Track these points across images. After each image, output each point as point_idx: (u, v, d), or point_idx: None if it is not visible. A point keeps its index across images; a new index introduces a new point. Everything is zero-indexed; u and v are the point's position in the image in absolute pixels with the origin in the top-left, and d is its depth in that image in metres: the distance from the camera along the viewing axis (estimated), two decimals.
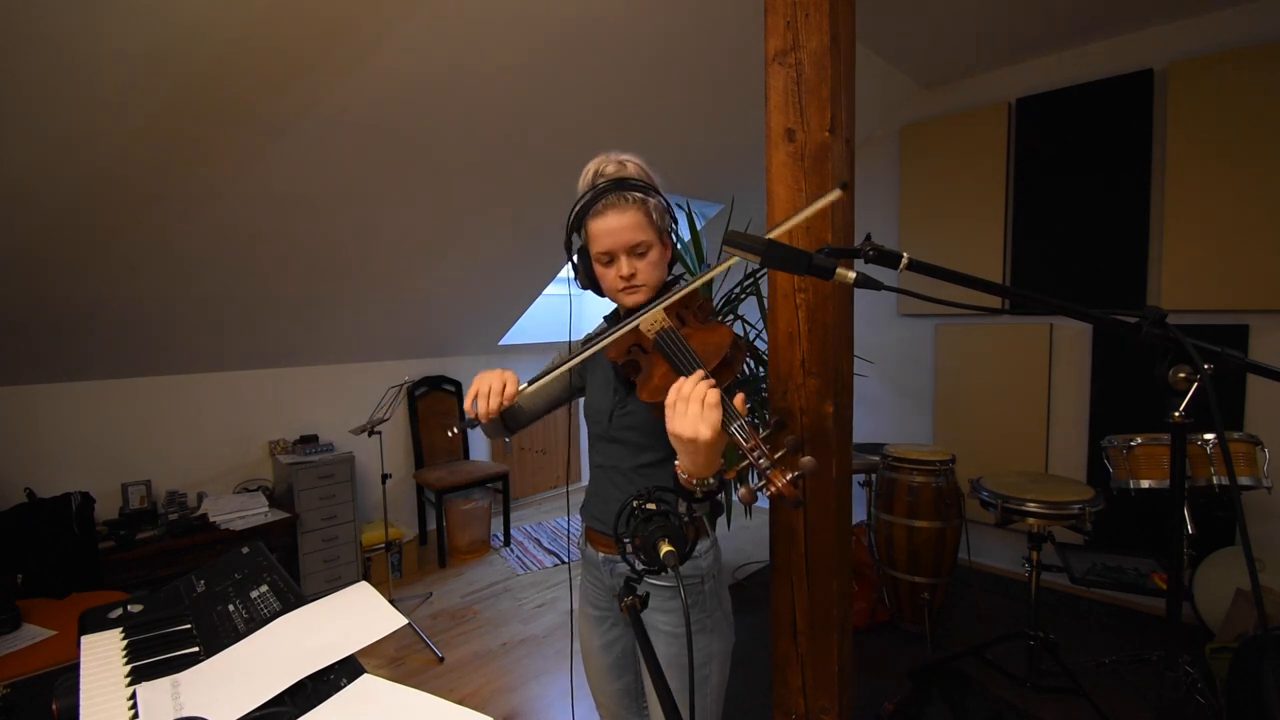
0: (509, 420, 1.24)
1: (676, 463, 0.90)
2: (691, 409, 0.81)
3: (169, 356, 2.91)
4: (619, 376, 1.14)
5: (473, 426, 1.06)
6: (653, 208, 1.08)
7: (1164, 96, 2.75)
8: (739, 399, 0.87)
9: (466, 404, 1.04)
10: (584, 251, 1.13)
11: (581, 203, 1.08)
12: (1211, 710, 2.04)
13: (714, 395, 0.81)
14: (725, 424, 0.81)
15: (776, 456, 0.77)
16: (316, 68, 1.93)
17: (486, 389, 1.01)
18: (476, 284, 3.53)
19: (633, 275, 1.08)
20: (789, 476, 0.76)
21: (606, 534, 1.02)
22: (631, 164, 1.12)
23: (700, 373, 0.86)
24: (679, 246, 2.48)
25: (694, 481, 0.88)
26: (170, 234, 2.32)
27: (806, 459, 0.78)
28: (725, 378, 0.95)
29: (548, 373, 1.05)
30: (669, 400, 0.85)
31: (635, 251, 1.07)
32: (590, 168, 1.11)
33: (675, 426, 0.83)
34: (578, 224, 1.10)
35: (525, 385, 1.05)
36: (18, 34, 1.53)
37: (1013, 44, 2.94)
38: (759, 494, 0.80)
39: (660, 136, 2.91)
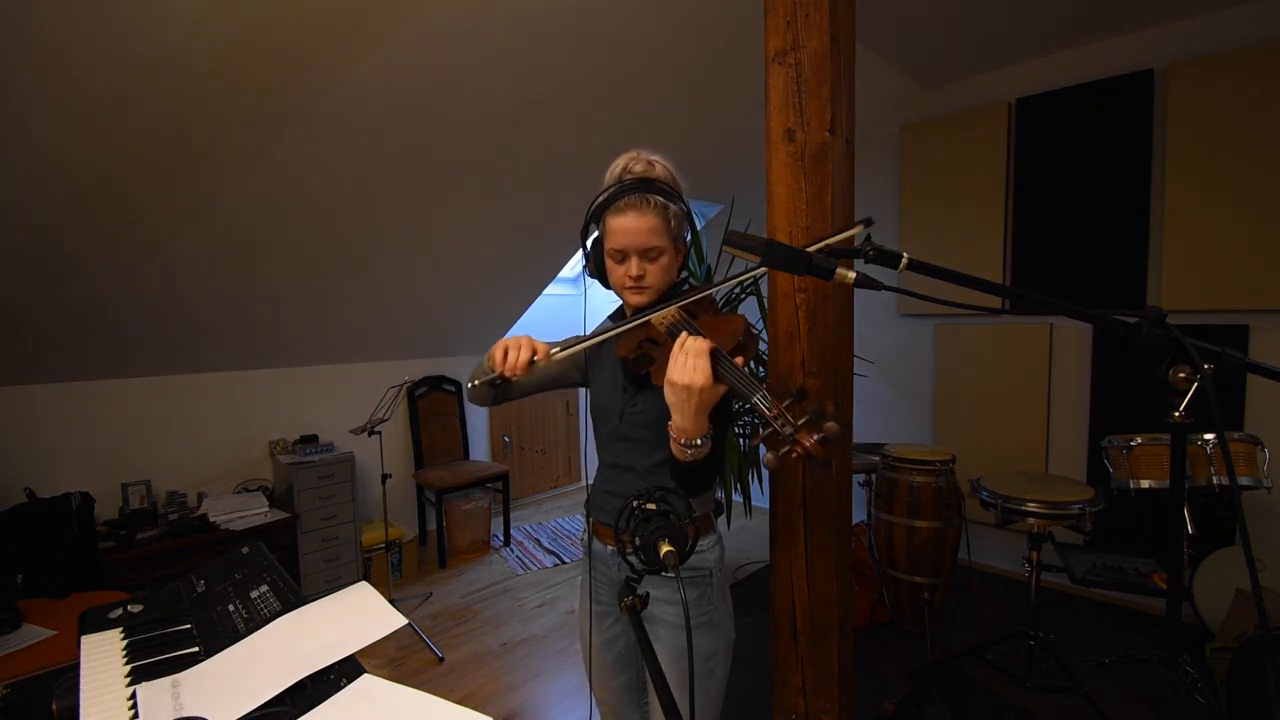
0: (504, 390, 1.23)
1: (670, 423, 0.94)
2: (690, 360, 0.88)
3: (169, 356, 2.91)
4: (627, 374, 1.14)
5: (496, 384, 1.05)
6: (672, 214, 1.09)
7: (1164, 96, 2.75)
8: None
9: (496, 356, 1.03)
10: (598, 243, 1.15)
11: (605, 196, 1.09)
12: (1211, 710, 2.04)
13: (703, 345, 0.88)
14: (748, 392, 0.85)
15: (800, 422, 0.79)
16: (316, 69, 1.94)
17: (516, 345, 1.03)
18: (477, 284, 3.53)
19: (641, 277, 1.09)
20: (815, 438, 0.78)
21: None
22: (660, 165, 1.12)
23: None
24: None
25: (683, 441, 0.93)
26: (170, 234, 2.32)
27: (831, 424, 0.79)
28: (739, 363, 0.96)
29: (578, 343, 1.06)
30: (672, 351, 0.90)
31: (648, 255, 1.08)
32: (620, 162, 1.12)
33: (673, 374, 0.89)
34: (597, 215, 1.11)
35: (556, 349, 1.05)
36: (17, 32, 1.53)
37: (1013, 44, 2.94)
38: (782, 458, 0.82)
39: (660, 136, 2.91)
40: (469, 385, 1.09)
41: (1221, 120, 2.61)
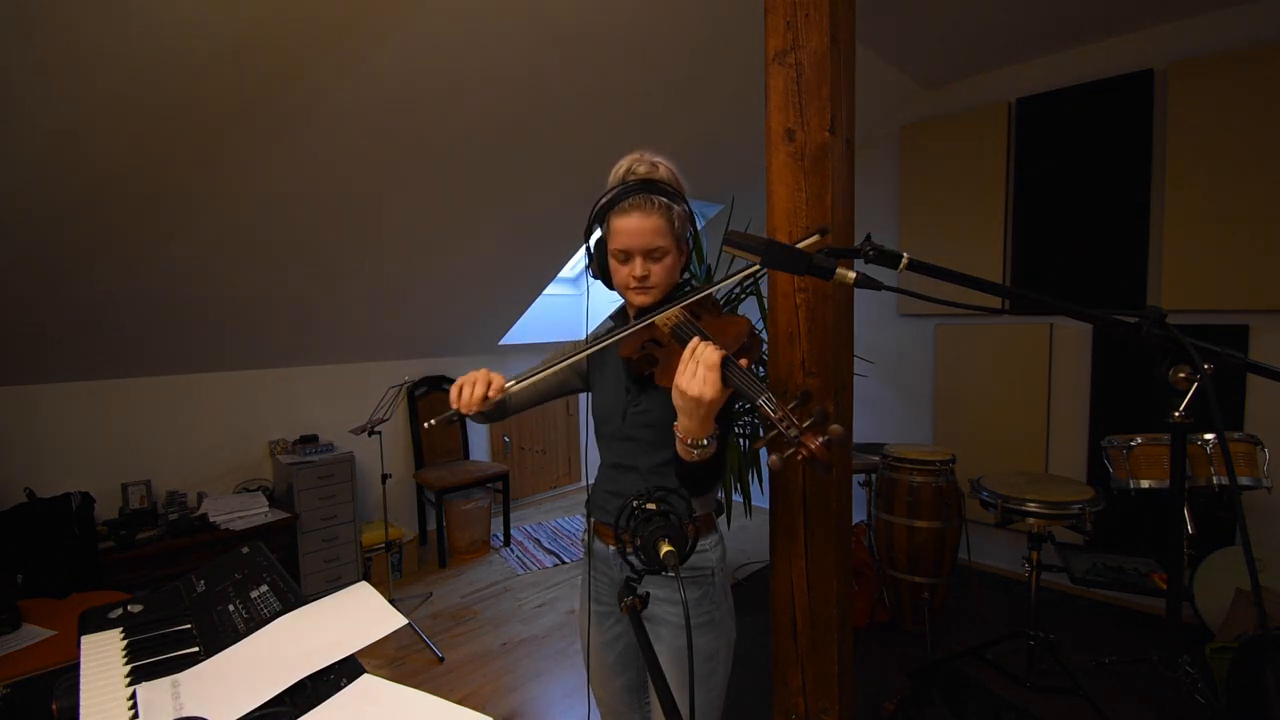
0: (494, 411, 1.25)
1: (676, 424, 0.95)
2: (701, 372, 0.87)
3: (169, 356, 2.91)
4: (630, 374, 1.15)
5: (454, 420, 1.08)
6: (676, 215, 1.10)
7: (1164, 96, 2.75)
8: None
9: (452, 396, 1.07)
10: (601, 243, 1.15)
11: (609, 197, 1.09)
12: (1211, 710, 2.04)
13: (714, 357, 0.87)
14: (754, 395, 0.85)
15: (805, 425, 0.80)
16: (316, 68, 1.93)
17: (471, 381, 1.06)
18: (477, 284, 3.53)
19: (645, 277, 1.10)
20: (820, 440, 0.78)
21: None
22: (663, 167, 1.13)
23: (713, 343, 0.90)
24: None
25: (689, 442, 0.93)
26: (170, 234, 2.32)
27: (835, 426, 0.80)
28: (743, 364, 0.97)
29: (540, 370, 1.09)
30: (683, 357, 0.90)
31: (652, 255, 1.09)
32: (623, 164, 1.13)
33: (682, 382, 0.89)
34: (601, 216, 1.12)
35: (511, 383, 1.08)
36: (17, 32, 1.53)
37: (1013, 44, 2.94)
38: (786, 459, 0.83)
39: (660, 137, 2.91)
40: (426, 424, 1.11)
41: (1221, 120, 2.61)
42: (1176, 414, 0.84)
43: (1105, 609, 2.94)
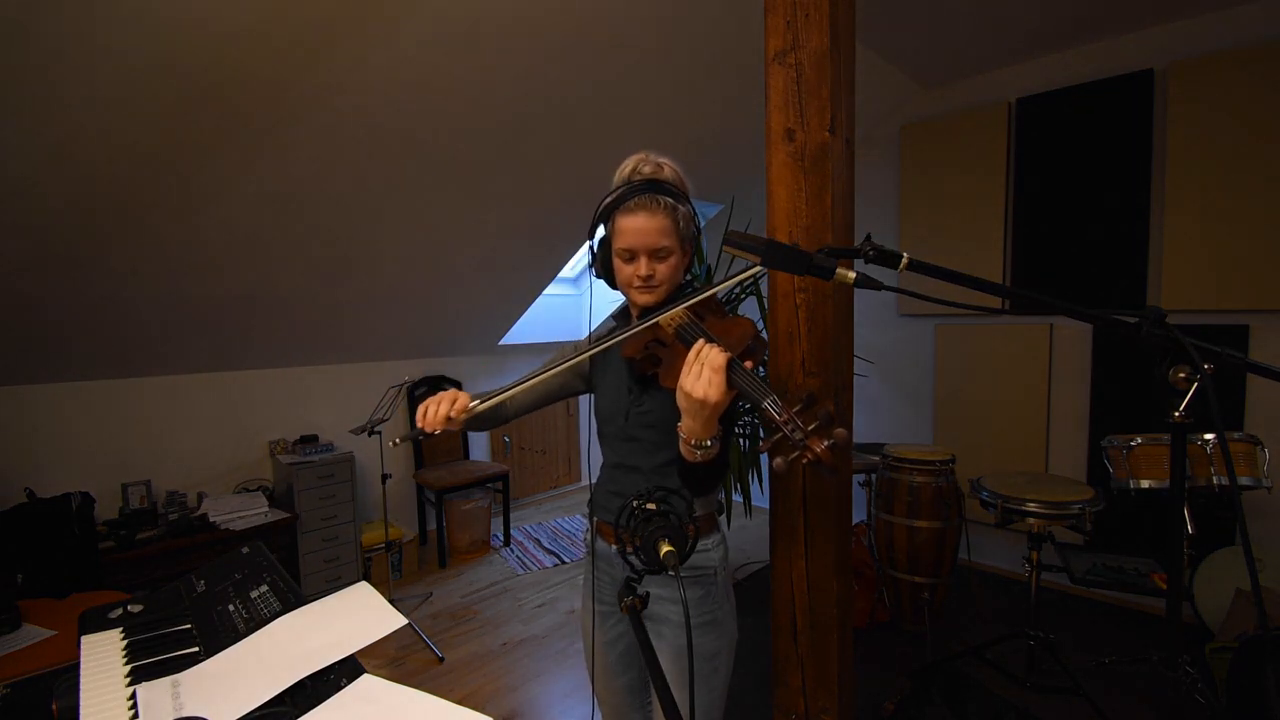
0: (488, 419, 1.24)
1: (679, 424, 0.94)
2: (705, 372, 0.87)
3: (169, 356, 2.91)
4: (633, 375, 1.15)
5: (419, 438, 1.10)
6: (681, 215, 1.10)
7: (1164, 96, 2.75)
8: None
9: (417, 415, 1.09)
10: (605, 242, 1.15)
11: (614, 196, 1.10)
12: (1211, 710, 2.04)
13: (719, 359, 0.87)
14: (758, 398, 0.85)
15: (810, 428, 0.80)
16: (316, 68, 1.93)
17: (437, 401, 1.08)
18: (476, 284, 3.53)
19: (650, 276, 1.10)
20: (825, 444, 0.79)
21: None
22: (669, 168, 1.14)
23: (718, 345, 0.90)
24: None
25: (693, 443, 0.93)
26: (170, 234, 2.32)
27: (839, 430, 0.80)
28: (748, 366, 0.97)
29: (510, 388, 1.10)
30: (688, 358, 0.90)
31: (657, 254, 1.09)
32: (629, 164, 1.13)
33: (687, 384, 0.88)
34: (606, 215, 1.12)
35: (476, 402, 1.09)
36: (16, 33, 1.53)
37: (1013, 44, 2.94)
38: (791, 462, 0.83)
39: (660, 136, 2.91)
40: (392, 443, 1.12)
41: (1221, 120, 2.61)
42: (1176, 414, 0.84)
43: (1105, 609, 2.94)
